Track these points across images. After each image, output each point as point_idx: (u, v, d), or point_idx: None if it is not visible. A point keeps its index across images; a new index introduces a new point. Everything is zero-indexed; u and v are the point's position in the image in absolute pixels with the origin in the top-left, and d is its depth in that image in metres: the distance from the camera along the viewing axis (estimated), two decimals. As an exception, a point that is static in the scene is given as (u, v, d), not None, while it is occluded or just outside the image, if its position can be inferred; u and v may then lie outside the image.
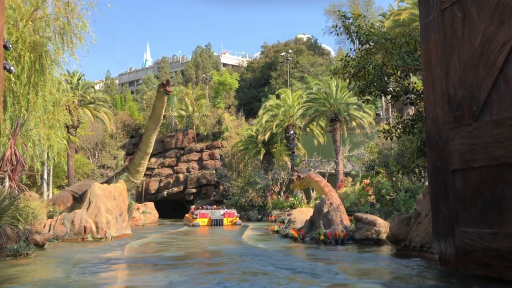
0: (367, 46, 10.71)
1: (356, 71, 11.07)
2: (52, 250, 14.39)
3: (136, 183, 25.51)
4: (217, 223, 32.36)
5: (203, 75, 75.26)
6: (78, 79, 43.03)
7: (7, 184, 14.78)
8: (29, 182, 38.14)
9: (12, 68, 16.58)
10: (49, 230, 18.15)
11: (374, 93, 11.37)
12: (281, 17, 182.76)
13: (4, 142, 17.28)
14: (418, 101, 11.24)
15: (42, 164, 32.89)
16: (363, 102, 12.57)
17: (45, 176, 40.12)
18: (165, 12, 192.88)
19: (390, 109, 34.39)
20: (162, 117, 25.10)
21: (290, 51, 64.48)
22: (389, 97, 11.63)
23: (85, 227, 18.42)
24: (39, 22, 19.65)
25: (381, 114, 32.54)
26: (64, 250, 14.67)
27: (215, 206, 38.53)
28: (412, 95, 11.22)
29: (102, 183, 23.27)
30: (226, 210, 35.08)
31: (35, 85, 19.60)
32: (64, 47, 20.65)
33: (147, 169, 58.07)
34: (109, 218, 19.05)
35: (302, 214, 19.64)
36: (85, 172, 51.03)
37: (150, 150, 25.41)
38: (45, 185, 40.47)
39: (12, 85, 18.62)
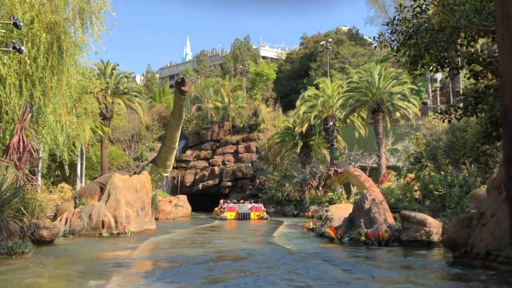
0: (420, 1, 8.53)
1: (406, 37, 8.99)
2: (58, 247, 12.99)
3: (163, 176, 24.09)
4: (244, 217, 32.27)
5: (240, 67, 73.64)
6: (112, 69, 42.14)
7: (10, 173, 13.45)
8: (58, 173, 37.60)
9: (23, 48, 15.33)
10: (65, 224, 16.92)
11: (428, 66, 9.25)
12: (321, 8, 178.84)
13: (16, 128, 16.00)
14: (485, 73, 9.02)
15: (75, 154, 32.06)
16: (414, 77, 10.46)
17: (78, 168, 39.55)
18: (206, 6, 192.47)
19: (438, 98, 31.64)
20: (183, 114, 23.50)
21: (330, 39, 61.95)
22: (447, 70, 9.44)
23: (103, 221, 17.05)
24: (57, 1, 18.29)
25: (428, 103, 29.88)
26: (71, 247, 13.26)
27: (242, 201, 38.02)
28: (478, 66, 8.96)
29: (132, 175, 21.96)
30: (253, 204, 34.80)
31: (53, 69, 18.29)
32: (84, 28, 19.26)
33: (183, 161, 57.29)
34: (129, 212, 17.61)
35: (341, 210, 17.60)
36: (120, 164, 50.44)
37: (175, 145, 23.98)
38: (78, 176, 39.92)
39: (28, 67, 17.36)
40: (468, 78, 8.97)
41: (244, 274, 8.68)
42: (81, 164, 39.88)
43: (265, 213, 33.39)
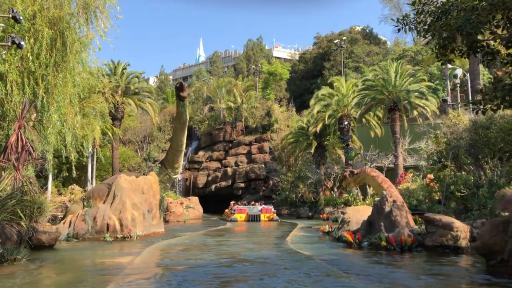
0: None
1: (434, 18, 8.00)
2: (57, 253, 12.20)
3: (172, 178, 23.31)
4: (254, 218, 32.54)
5: (253, 67, 72.74)
6: (123, 69, 41.52)
7: (7, 174, 12.68)
8: (66, 174, 37.06)
9: (22, 43, 14.61)
10: (69, 227, 16.17)
11: (459, 50, 8.23)
12: (334, 8, 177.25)
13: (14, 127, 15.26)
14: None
15: (84, 156, 31.46)
16: (442, 64, 9.44)
17: (89, 169, 39.01)
18: (218, 7, 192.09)
19: (458, 94, 30.37)
20: (185, 118, 22.70)
21: (344, 38, 60.80)
22: (480, 55, 8.39)
23: (107, 225, 16.26)
24: (59, -6, 17.57)
25: (448, 100, 28.65)
26: (71, 253, 12.46)
27: (253, 202, 38.07)
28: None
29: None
30: (263, 206, 34.79)
31: (56, 66, 17.55)
32: (89, 23, 18.51)
33: (195, 162, 56.60)
34: (135, 214, 16.79)
35: (358, 213, 16.56)
36: (132, 165, 49.90)
37: (182, 148, 23.29)
38: (88, 178, 39.38)
39: (30, 64, 16.65)
40: (506, 64, 7.91)
41: None
42: (92, 165, 39.34)
43: (275, 215, 33.36)
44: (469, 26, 7.24)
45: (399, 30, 8.46)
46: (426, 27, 8.10)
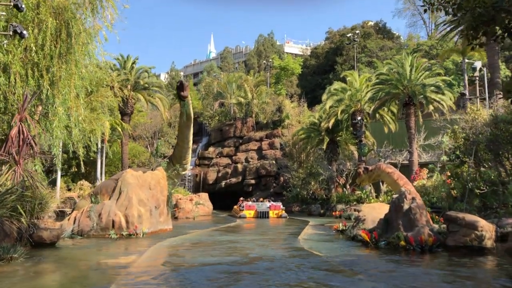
0: None
1: (464, -4, 7.23)
2: (58, 251, 11.64)
3: (181, 173, 22.71)
4: (263, 215, 32.71)
5: (264, 62, 71.92)
6: (133, 63, 41.03)
7: (4, 169, 12.14)
8: (76, 170, 36.73)
9: (24, 32, 14.07)
10: (73, 224, 15.63)
11: (493, 33, 7.47)
12: (346, 2, 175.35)
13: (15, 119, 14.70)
14: None
15: (92, 150, 30.99)
16: (472, 48, 8.70)
17: (98, 165, 38.67)
18: (229, 3, 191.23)
19: (477, 88, 29.34)
20: (190, 116, 21.94)
21: (357, 31, 59.77)
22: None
23: (113, 221, 15.70)
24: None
25: (467, 94, 27.68)
26: (72, 251, 11.89)
27: (261, 199, 37.96)
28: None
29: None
30: (272, 203, 34.79)
31: (61, 57, 16.98)
32: (95, 13, 17.92)
33: (205, 158, 56.06)
34: (141, 211, 16.21)
35: (374, 211, 15.83)
36: (142, 161, 49.51)
37: (189, 145, 22.65)
38: (98, 173, 39.06)
39: (34, 55, 16.09)
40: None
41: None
42: (101, 161, 38.99)
43: (283, 211, 33.29)
44: (508, 3, 6.48)
45: (425, 10, 7.70)
46: (455, 6, 7.33)
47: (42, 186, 12.81)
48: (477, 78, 27.64)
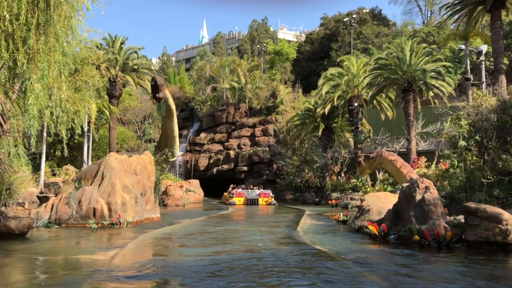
0: None
1: None
2: (25, 243, 10.22)
3: (170, 159, 21.18)
4: (252, 202, 32.90)
5: (258, 46, 70.28)
6: (121, 43, 39.33)
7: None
8: (59, 154, 35.30)
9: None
10: (50, 211, 14.23)
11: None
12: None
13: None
14: None
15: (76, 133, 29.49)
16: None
17: (85, 149, 37.19)
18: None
19: (483, 72, 28.12)
20: (170, 108, 19.49)
21: (354, 16, 58.32)
22: None
23: (94, 209, 14.32)
24: None
25: (471, 78, 26.46)
26: (42, 244, 10.48)
27: (251, 186, 37.71)
28: None
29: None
30: (262, 190, 34.74)
31: (39, 28, 15.41)
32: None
33: (197, 144, 54.67)
34: (126, 198, 14.84)
35: (379, 200, 14.58)
36: (131, 146, 48.08)
37: (173, 134, 20.79)
38: (84, 158, 37.59)
39: (7, 24, 14.52)
40: None
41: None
42: (88, 145, 37.52)
43: (273, 199, 33.32)
44: None
45: None
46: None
47: (11, 169, 11.35)
48: (483, 62, 26.39)
